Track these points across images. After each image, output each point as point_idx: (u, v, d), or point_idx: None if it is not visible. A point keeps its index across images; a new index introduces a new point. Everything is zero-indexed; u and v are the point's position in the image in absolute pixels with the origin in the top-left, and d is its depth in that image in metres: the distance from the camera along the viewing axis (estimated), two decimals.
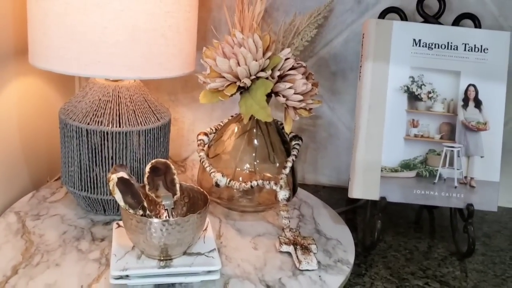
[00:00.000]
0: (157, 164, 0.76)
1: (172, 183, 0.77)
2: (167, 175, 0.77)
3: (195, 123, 1.13)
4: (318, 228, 0.89)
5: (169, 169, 0.77)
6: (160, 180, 0.77)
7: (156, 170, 0.77)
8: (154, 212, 0.77)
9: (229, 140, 0.89)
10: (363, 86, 0.85)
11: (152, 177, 0.76)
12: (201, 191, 0.76)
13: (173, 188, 0.76)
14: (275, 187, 0.83)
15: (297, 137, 0.90)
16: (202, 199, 0.76)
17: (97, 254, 0.76)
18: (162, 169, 0.77)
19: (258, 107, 0.78)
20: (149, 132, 0.83)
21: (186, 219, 0.68)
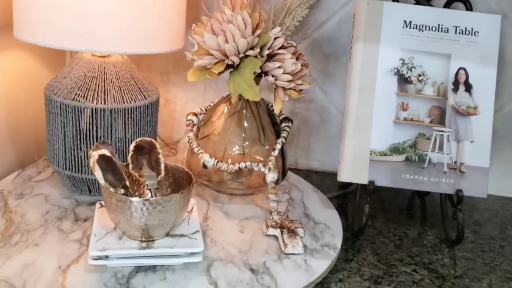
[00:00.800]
0: (141, 142, 0.74)
1: (157, 162, 0.75)
2: (151, 155, 0.75)
3: (187, 104, 1.11)
4: (307, 212, 0.87)
5: (154, 148, 0.75)
6: (145, 160, 0.75)
7: (141, 149, 0.75)
8: (138, 193, 0.76)
9: (219, 121, 0.87)
10: (353, 68, 0.83)
11: (136, 156, 0.75)
12: (186, 171, 0.75)
13: (157, 168, 0.75)
14: (264, 169, 0.81)
15: (287, 119, 0.88)
16: (187, 180, 0.74)
17: (79, 235, 0.74)
18: (147, 148, 0.75)
19: (246, 85, 0.76)
20: (135, 110, 0.81)
21: (168, 198, 0.66)
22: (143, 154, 0.75)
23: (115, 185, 0.69)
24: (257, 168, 0.82)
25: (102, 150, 0.69)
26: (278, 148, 0.84)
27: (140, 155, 0.75)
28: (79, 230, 0.75)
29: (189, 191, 0.70)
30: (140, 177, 0.74)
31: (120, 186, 0.69)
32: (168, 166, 0.76)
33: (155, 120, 0.88)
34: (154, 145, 0.75)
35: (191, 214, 0.76)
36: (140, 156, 0.75)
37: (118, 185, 0.69)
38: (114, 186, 0.68)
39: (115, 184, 0.69)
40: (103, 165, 0.68)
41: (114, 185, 0.69)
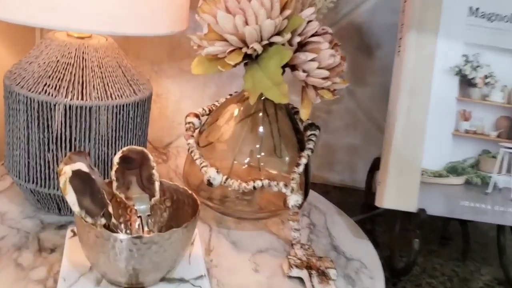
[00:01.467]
0: (129, 153, 0.56)
1: (150, 180, 0.57)
2: (143, 169, 0.57)
3: (182, 100, 0.93)
4: (335, 243, 0.69)
5: (146, 161, 0.57)
6: (134, 176, 0.57)
7: (129, 162, 0.56)
8: (123, 219, 0.57)
9: (227, 126, 0.69)
10: (403, 65, 0.65)
11: (123, 171, 0.56)
12: (188, 193, 0.56)
13: (150, 187, 0.57)
14: (285, 189, 0.63)
15: (314, 126, 0.70)
16: (189, 204, 0.56)
17: (43, 273, 0.56)
18: (137, 161, 0.57)
19: (271, 83, 0.58)
20: (122, 109, 0.63)
21: (167, 235, 0.48)
22: (131, 168, 0.57)
23: (93, 212, 0.50)
24: (276, 188, 0.64)
25: (77, 163, 0.50)
26: (303, 162, 0.66)
27: (128, 169, 0.57)
28: (44, 265, 0.57)
29: (194, 223, 0.51)
30: (127, 200, 0.56)
31: (100, 214, 0.51)
32: (165, 185, 0.58)
33: (146, 122, 0.69)
34: (145, 157, 0.57)
35: (193, 249, 0.58)
36: (127, 171, 0.57)
37: (97, 212, 0.51)
38: (93, 214, 0.50)
39: (93, 212, 0.50)
40: (78, 185, 0.50)
41: (93, 212, 0.50)
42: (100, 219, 0.50)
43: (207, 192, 0.71)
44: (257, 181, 0.63)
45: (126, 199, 0.55)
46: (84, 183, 0.51)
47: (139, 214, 0.55)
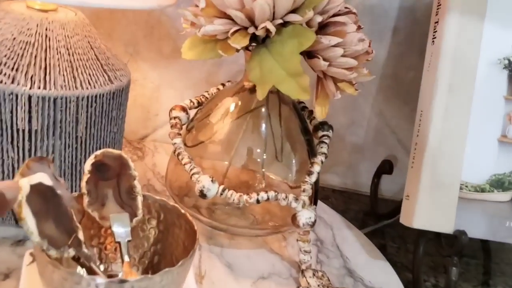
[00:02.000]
0: (104, 158, 0.43)
1: (130, 194, 0.44)
2: (121, 180, 0.45)
3: (161, 88, 0.80)
4: (349, 265, 0.59)
5: (126, 169, 0.44)
6: (110, 188, 0.45)
7: (103, 170, 0.44)
8: (97, 241, 0.45)
9: (221, 123, 0.57)
10: (441, 55, 0.55)
11: (96, 182, 0.44)
12: (180, 212, 0.44)
13: (131, 202, 0.44)
14: (295, 204, 0.52)
15: (326, 125, 0.59)
16: (181, 226, 0.44)
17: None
18: (114, 169, 0.44)
19: (285, 73, 0.46)
20: (95, 101, 0.50)
21: (159, 278, 0.36)
22: (107, 179, 0.44)
23: (59, 242, 0.38)
24: (285, 202, 0.52)
25: (38, 175, 0.38)
26: (316, 171, 0.54)
27: (103, 179, 0.44)
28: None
29: (191, 259, 0.39)
30: (101, 220, 0.43)
31: (68, 243, 0.38)
32: (149, 200, 0.46)
33: (123, 117, 0.56)
34: (125, 164, 0.44)
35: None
36: (102, 182, 0.44)
37: (64, 241, 0.38)
38: (58, 244, 0.38)
39: (59, 241, 0.38)
40: (39, 204, 0.37)
41: (58, 242, 0.38)
42: (67, 251, 0.38)
43: (192, 199, 0.59)
44: (261, 194, 0.51)
45: (101, 219, 0.43)
46: (47, 201, 0.38)
47: (118, 239, 0.42)
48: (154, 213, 0.46)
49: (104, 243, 0.46)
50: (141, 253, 0.46)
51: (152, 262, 0.46)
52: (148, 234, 0.46)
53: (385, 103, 0.76)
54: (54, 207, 0.38)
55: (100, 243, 0.46)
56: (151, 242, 0.46)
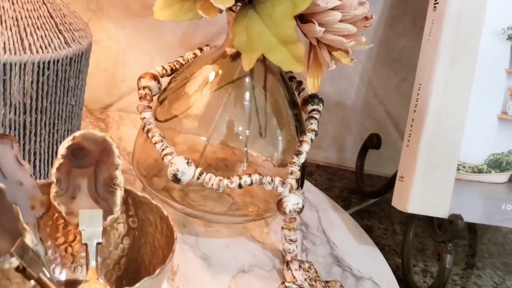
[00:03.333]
0: (84, 141, 0.36)
1: (108, 186, 0.37)
2: (100, 168, 0.37)
3: (128, 51, 0.71)
4: (336, 253, 0.53)
5: (108, 156, 0.37)
6: (85, 178, 0.37)
7: (80, 155, 0.37)
8: (63, 240, 0.38)
9: (199, 94, 0.50)
10: (444, 21, 0.48)
11: (69, 169, 0.36)
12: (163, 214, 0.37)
13: (107, 197, 0.37)
14: (282, 188, 0.46)
15: (316, 99, 0.52)
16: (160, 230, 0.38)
17: None
18: (93, 154, 0.37)
19: (277, 40, 0.39)
20: (48, 68, 0.42)
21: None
22: (83, 166, 0.37)
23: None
24: (270, 186, 0.46)
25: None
26: (306, 150, 0.48)
27: (78, 167, 0.37)
28: None
29: (168, 266, 0.33)
30: (68, 216, 0.36)
31: (9, 252, 0.31)
32: (130, 196, 0.38)
33: (82, 86, 0.49)
34: (108, 149, 0.37)
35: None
36: (76, 170, 0.37)
37: (5, 247, 0.31)
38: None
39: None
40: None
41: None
42: (8, 260, 0.31)
43: (163, 180, 0.53)
44: (244, 177, 0.45)
45: (68, 214, 0.36)
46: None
47: (85, 240, 0.35)
48: (133, 211, 0.39)
49: (70, 244, 0.39)
50: (106, 254, 0.39)
51: (118, 264, 0.39)
52: (121, 237, 0.39)
53: (374, 72, 0.70)
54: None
55: (62, 244, 0.39)
56: (126, 247, 0.39)
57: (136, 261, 0.38)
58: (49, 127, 0.45)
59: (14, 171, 0.34)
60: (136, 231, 0.38)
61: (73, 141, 0.35)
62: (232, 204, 0.54)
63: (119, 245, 0.39)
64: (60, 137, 0.47)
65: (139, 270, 0.37)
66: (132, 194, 0.38)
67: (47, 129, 0.45)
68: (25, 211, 0.34)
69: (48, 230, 0.39)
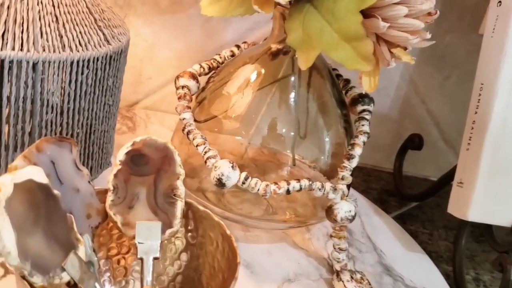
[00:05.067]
0: (144, 147, 0.33)
1: (169, 197, 0.34)
2: (161, 177, 0.35)
3: (155, 48, 0.69)
4: (385, 261, 0.50)
5: (170, 164, 0.34)
6: (144, 187, 0.34)
7: (140, 162, 0.34)
8: (117, 251, 0.36)
9: (240, 95, 0.47)
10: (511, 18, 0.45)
11: (127, 176, 0.34)
12: (225, 232, 0.34)
13: (167, 208, 0.34)
14: (333, 195, 0.43)
15: (367, 98, 0.49)
16: (221, 250, 0.35)
17: None
18: (154, 162, 0.34)
19: (338, 37, 0.36)
20: (87, 66, 0.39)
21: None
22: (143, 174, 0.34)
23: (49, 262, 0.28)
24: (321, 193, 0.43)
25: (28, 169, 0.28)
26: (358, 154, 0.45)
27: (137, 174, 0.34)
28: None
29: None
30: (124, 226, 0.33)
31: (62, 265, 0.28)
32: (191, 209, 0.36)
33: (119, 85, 0.46)
34: (170, 157, 0.34)
35: None
36: (135, 178, 0.34)
37: (57, 261, 0.28)
38: (47, 265, 0.28)
39: (49, 261, 0.28)
40: (25, 210, 0.28)
41: (47, 262, 0.28)
42: (59, 275, 0.28)
43: (196, 180, 0.50)
44: (292, 182, 0.42)
45: (124, 225, 0.33)
46: (37, 206, 0.28)
47: (141, 254, 0.32)
48: (193, 226, 0.36)
49: (124, 257, 0.36)
50: (162, 270, 0.36)
51: (173, 282, 0.36)
52: (179, 253, 0.37)
53: (416, 69, 0.67)
54: (46, 214, 0.29)
55: (115, 255, 0.36)
56: (176, 257, 0.36)
57: (193, 281, 0.35)
58: (86, 128, 0.43)
59: (72, 177, 0.32)
60: (195, 248, 0.36)
61: (132, 147, 0.32)
62: (268, 208, 0.51)
63: (175, 261, 0.36)
64: (96, 138, 0.44)
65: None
66: (193, 208, 0.35)
67: (83, 130, 0.42)
68: (80, 220, 0.31)
69: (101, 240, 0.36)
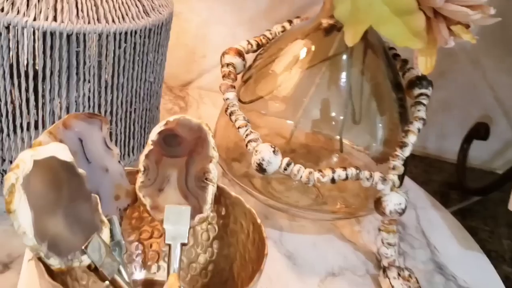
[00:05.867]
0: (178, 127, 0.32)
1: (200, 180, 0.32)
2: (193, 159, 0.33)
3: (209, 24, 0.67)
4: (438, 259, 0.46)
5: (203, 146, 0.32)
6: (175, 169, 0.33)
7: (173, 143, 0.32)
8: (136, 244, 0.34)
9: (288, 74, 0.44)
10: None
11: (159, 157, 0.32)
12: (256, 221, 0.32)
13: (198, 193, 0.32)
14: (382, 185, 0.39)
15: (425, 81, 0.45)
16: (251, 239, 0.33)
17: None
18: (187, 143, 0.32)
19: (389, 10, 0.33)
20: (125, 39, 0.38)
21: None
22: (175, 156, 0.33)
23: (68, 244, 0.27)
24: (369, 183, 0.39)
25: (52, 146, 0.27)
26: (412, 142, 0.41)
27: (169, 155, 0.32)
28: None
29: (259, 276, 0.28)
30: (152, 210, 0.32)
31: (81, 248, 0.27)
32: (223, 195, 0.34)
33: (162, 61, 0.44)
34: (203, 138, 0.32)
35: None
36: (167, 160, 0.32)
37: (77, 243, 0.27)
38: (66, 247, 0.26)
39: (68, 243, 0.27)
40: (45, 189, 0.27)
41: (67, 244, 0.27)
42: (79, 258, 0.27)
43: (243, 165, 0.48)
44: (338, 171, 0.39)
45: (153, 208, 0.31)
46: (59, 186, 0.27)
47: (169, 240, 0.31)
48: (224, 213, 0.34)
49: (160, 237, 0.35)
50: (194, 256, 0.35)
51: (206, 271, 0.35)
52: (208, 241, 0.35)
53: (484, 51, 0.61)
54: (69, 194, 0.27)
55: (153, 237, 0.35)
56: (208, 244, 0.34)
57: (224, 271, 0.33)
58: (126, 106, 0.41)
59: (101, 156, 0.30)
60: (227, 235, 0.34)
61: (166, 127, 0.31)
62: (317, 197, 0.48)
63: (208, 248, 0.34)
64: (137, 117, 0.43)
65: (226, 281, 0.33)
66: (225, 194, 0.33)
67: (123, 108, 0.41)
68: (107, 201, 0.30)
69: (134, 222, 0.35)
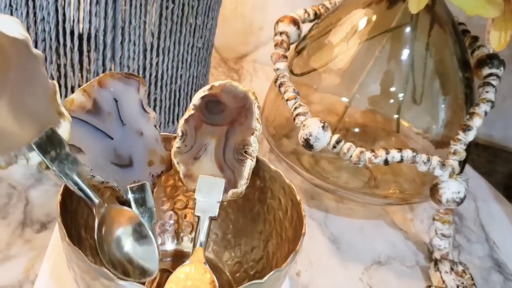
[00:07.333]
0: (223, 93, 0.30)
1: (239, 152, 0.30)
2: (234, 129, 0.31)
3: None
4: (497, 256, 0.43)
5: (247, 116, 0.31)
6: (214, 138, 0.31)
7: (215, 110, 0.31)
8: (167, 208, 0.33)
9: (345, 45, 0.41)
10: None
11: (198, 124, 0.31)
12: (295, 198, 0.30)
13: (235, 166, 0.31)
14: (440, 171, 0.36)
15: (496, 60, 0.41)
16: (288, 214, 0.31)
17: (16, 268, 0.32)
18: (230, 111, 0.31)
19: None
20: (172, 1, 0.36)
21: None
22: (216, 124, 0.31)
23: (15, 138, 0.25)
24: (425, 167, 0.36)
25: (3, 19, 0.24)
26: (477, 125, 0.38)
27: (210, 123, 0.31)
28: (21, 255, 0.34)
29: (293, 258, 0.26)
30: (185, 178, 0.30)
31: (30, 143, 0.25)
32: (265, 165, 0.32)
33: (212, 26, 0.42)
34: (248, 108, 0.31)
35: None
36: (207, 127, 0.31)
37: (26, 137, 0.25)
38: (12, 142, 0.25)
39: (16, 137, 0.25)
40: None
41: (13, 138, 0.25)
42: (26, 154, 0.24)
43: (293, 142, 0.45)
44: (392, 152, 0.36)
45: (186, 176, 0.30)
46: (4, 66, 0.24)
47: (198, 212, 0.29)
48: (259, 188, 0.32)
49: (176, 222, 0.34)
50: (222, 243, 0.33)
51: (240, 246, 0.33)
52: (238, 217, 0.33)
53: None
54: (17, 78, 0.24)
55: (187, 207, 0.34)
56: (240, 225, 0.33)
57: (259, 248, 0.31)
58: (172, 71, 0.40)
59: (136, 119, 0.29)
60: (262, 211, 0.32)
61: (210, 91, 0.29)
62: (370, 180, 0.45)
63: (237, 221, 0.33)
64: (183, 83, 0.41)
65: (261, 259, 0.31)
66: (265, 166, 0.31)
67: (169, 73, 0.40)
68: (140, 167, 0.29)
69: (169, 191, 0.33)
